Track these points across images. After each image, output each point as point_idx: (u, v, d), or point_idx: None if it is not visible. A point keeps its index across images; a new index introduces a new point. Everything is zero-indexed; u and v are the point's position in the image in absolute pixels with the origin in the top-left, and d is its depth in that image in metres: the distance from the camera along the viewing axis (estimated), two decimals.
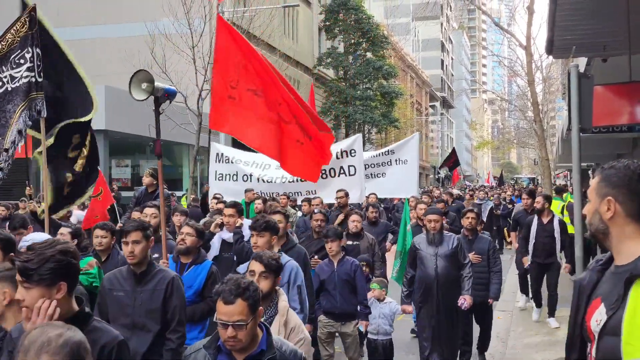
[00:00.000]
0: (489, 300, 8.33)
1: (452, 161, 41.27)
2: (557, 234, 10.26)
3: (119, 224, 8.55)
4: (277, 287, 4.62)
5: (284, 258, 5.45)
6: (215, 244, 7.64)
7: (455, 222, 12.39)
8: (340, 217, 10.47)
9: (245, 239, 7.06)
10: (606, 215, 2.41)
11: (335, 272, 7.23)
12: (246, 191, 12.36)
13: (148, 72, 6.46)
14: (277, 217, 6.56)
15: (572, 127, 6.31)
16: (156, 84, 6.40)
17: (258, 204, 11.29)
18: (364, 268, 7.84)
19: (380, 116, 44.02)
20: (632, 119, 9.48)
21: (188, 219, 8.24)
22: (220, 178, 12.67)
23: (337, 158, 11.51)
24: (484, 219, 17.65)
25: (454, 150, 43.23)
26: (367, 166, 14.09)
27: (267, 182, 11.99)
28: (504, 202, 23.95)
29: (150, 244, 5.14)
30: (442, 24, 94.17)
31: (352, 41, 43.34)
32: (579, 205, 6.63)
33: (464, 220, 8.44)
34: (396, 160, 14.34)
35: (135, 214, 8.12)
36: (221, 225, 7.76)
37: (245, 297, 3.37)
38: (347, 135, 41.44)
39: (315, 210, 8.64)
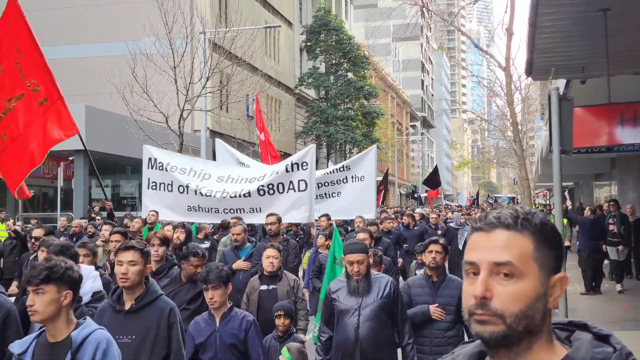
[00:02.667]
0: None
1: (433, 181, 41.45)
2: None
3: None
4: None
5: (87, 327, 3.50)
6: None
7: (389, 251, 10.35)
8: None
9: (85, 297, 4.95)
10: (554, 302, 1.51)
11: (216, 333, 5.07)
12: (150, 211, 10.76)
13: None
14: (129, 256, 4.49)
15: (553, 149, 6.36)
16: None
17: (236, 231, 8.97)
18: (282, 321, 5.83)
19: (362, 136, 44.19)
20: (610, 140, 9.58)
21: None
22: (154, 186, 10.75)
23: (287, 171, 10.12)
24: (460, 247, 14.73)
25: (435, 170, 43.44)
26: (320, 185, 12.69)
27: (206, 195, 10.25)
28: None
29: None
30: (422, 45, 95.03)
31: (333, 61, 43.62)
32: (560, 226, 6.67)
33: (426, 255, 5.94)
34: (352, 177, 12.88)
35: None
36: None
37: None
38: (328, 155, 41.53)
39: (196, 253, 6.31)
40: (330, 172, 13.20)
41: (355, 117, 43.99)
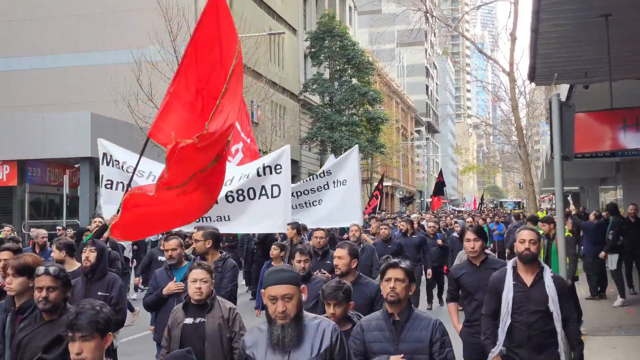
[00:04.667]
0: None
1: (435, 187, 41.56)
2: (553, 305, 5.22)
3: None
4: None
5: None
6: None
7: (374, 265, 9.28)
8: None
9: None
10: None
11: None
12: (95, 216, 9.63)
13: None
14: None
15: (555, 155, 6.39)
16: None
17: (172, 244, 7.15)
18: None
19: (366, 142, 44.26)
20: (614, 145, 9.57)
21: None
22: (109, 185, 9.57)
23: (259, 175, 8.90)
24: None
25: (440, 174, 43.54)
26: (299, 194, 11.63)
27: None
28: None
29: None
30: (426, 50, 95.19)
31: (338, 67, 43.73)
32: (562, 234, 6.70)
33: (383, 285, 4.38)
34: (334, 182, 11.63)
35: None
36: None
37: None
38: None
39: (40, 271, 4.46)
40: (310, 179, 11.99)
41: (359, 122, 44.08)
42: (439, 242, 15.01)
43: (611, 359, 9.49)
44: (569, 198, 17.22)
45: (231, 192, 8.82)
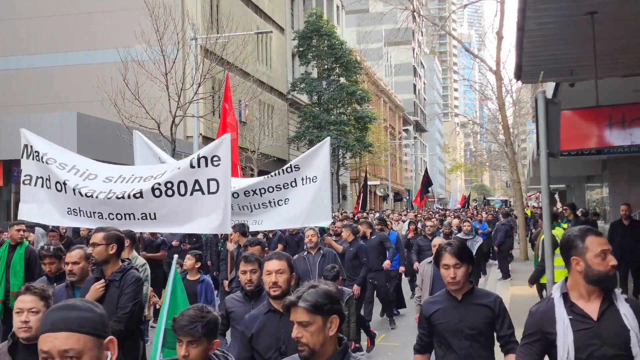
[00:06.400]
0: None
1: (421, 187, 41.70)
2: (638, 344, 3.25)
3: None
4: None
5: None
6: None
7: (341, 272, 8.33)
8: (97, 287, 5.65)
9: None
10: None
11: None
12: (13, 225, 9.01)
13: None
14: None
15: (541, 152, 6.41)
16: None
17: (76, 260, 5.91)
18: None
19: (355, 141, 44.29)
20: (600, 142, 9.63)
21: None
22: (28, 181, 8.26)
23: (192, 167, 7.59)
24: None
25: (425, 173, 43.65)
26: (263, 191, 10.40)
27: (87, 196, 7.75)
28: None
29: None
30: (414, 49, 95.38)
31: (326, 66, 43.75)
32: (548, 232, 6.72)
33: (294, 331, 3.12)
34: (303, 179, 10.29)
35: None
36: None
37: None
38: None
39: None
40: (275, 175, 10.56)
41: (348, 122, 44.11)
42: None
43: None
44: (556, 196, 17.25)
45: (159, 184, 7.52)
